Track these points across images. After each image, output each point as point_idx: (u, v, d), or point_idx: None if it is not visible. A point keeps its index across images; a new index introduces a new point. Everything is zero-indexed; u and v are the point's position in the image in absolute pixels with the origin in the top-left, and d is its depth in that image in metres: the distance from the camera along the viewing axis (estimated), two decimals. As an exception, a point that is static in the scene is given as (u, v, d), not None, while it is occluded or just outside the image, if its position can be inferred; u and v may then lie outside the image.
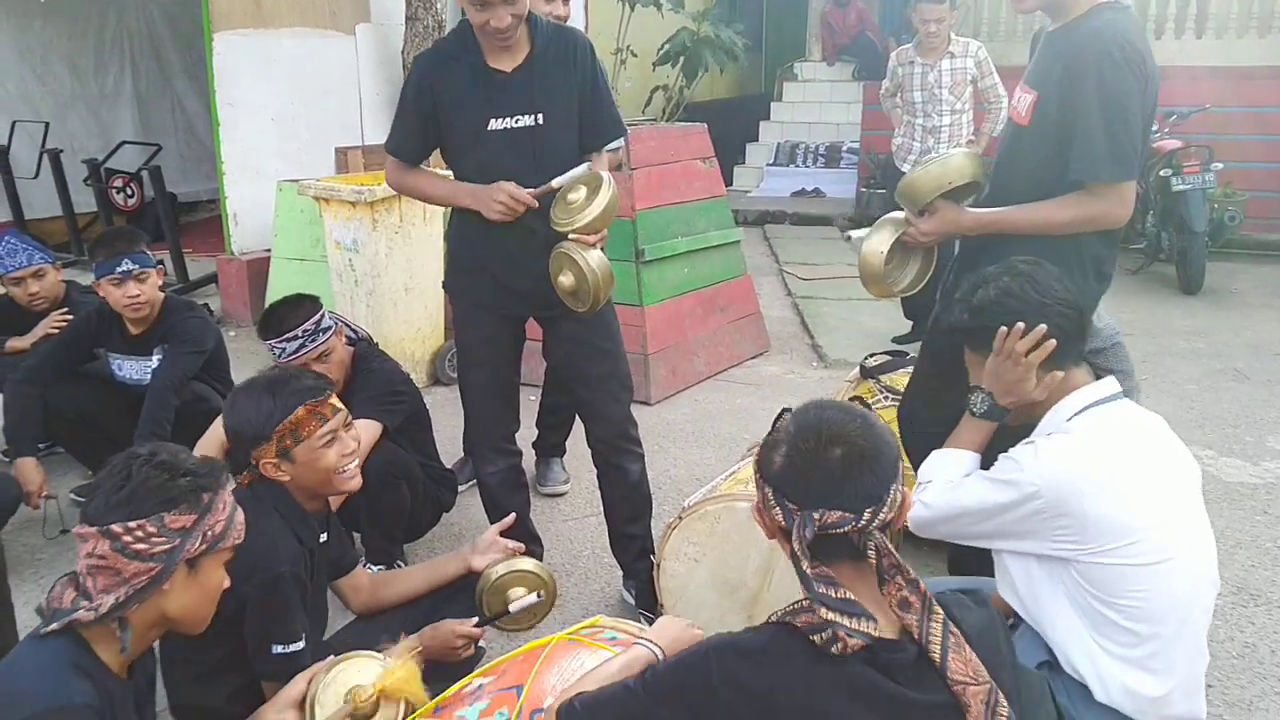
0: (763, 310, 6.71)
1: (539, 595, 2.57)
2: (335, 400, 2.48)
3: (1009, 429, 2.39)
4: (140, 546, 1.75)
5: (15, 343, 4.33)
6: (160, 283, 3.93)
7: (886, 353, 4.07)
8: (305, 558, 2.42)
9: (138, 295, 3.79)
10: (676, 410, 5.42)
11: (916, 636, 1.57)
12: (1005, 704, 1.56)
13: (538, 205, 2.89)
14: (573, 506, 4.26)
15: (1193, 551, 2.16)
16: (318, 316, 3.28)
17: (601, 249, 2.91)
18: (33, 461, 3.69)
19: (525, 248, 3.00)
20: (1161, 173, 7.64)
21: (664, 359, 5.63)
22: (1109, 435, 2.17)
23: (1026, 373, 2.23)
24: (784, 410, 1.72)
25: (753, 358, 6.34)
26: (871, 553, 1.59)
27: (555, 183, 2.90)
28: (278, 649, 2.29)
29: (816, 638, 1.53)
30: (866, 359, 4.01)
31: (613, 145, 3.14)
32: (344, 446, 2.47)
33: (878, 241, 2.88)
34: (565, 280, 2.92)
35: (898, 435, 3.07)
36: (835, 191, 12.08)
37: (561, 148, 2.99)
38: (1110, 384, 2.26)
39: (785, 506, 1.58)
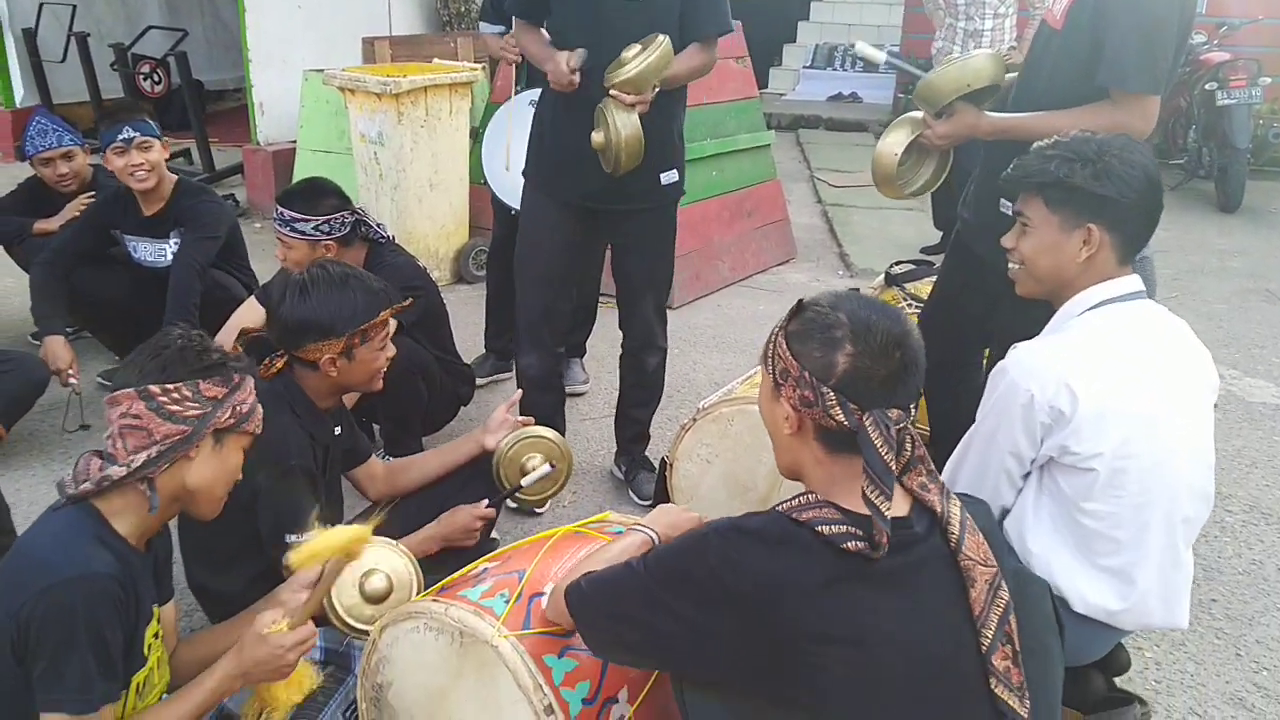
0: (791, 217, 6.63)
1: (551, 465, 2.65)
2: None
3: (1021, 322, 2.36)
4: (174, 408, 1.81)
5: (43, 224, 4.36)
6: (166, 155, 3.94)
7: (912, 261, 4.04)
8: (316, 452, 2.46)
9: (140, 164, 3.79)
10: (699, 315, 5.41)
11: (938, 511, 1.59)
12: (1006, 591, 1.58)
13: (577, 81, 2.92)
14: (591, 406, 4.28)
15: (1181, 460, 2.14)
16: (319, 222, 3.26)
17: (641, 112, 2.89)
18: (61, 340, 3.73)
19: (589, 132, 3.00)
20: (1207, 86, 7.43)
21: (688, 263, 5.59)
22: (1112, 332, 2.15)
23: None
24: (800, 301, 1.67)
25: (778, 264, 6.30)
26: (909, 447, 1.60)
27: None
28: (290, 537, 2.34)
29: (825, 529, 1.53)
30: (892, 266, 3.99)
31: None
32: (389, 350, 2.54)
33: (893, 141, 2.84)
34: (597, 136, 2.93)
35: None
36: (873, 97, 11.82)
37: (659, 23, 2.95)
38: (1133, 281, 2.22)
39: (847, 407, 1.55)
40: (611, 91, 2.85)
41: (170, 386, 1.81)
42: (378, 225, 3.49)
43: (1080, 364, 2.09)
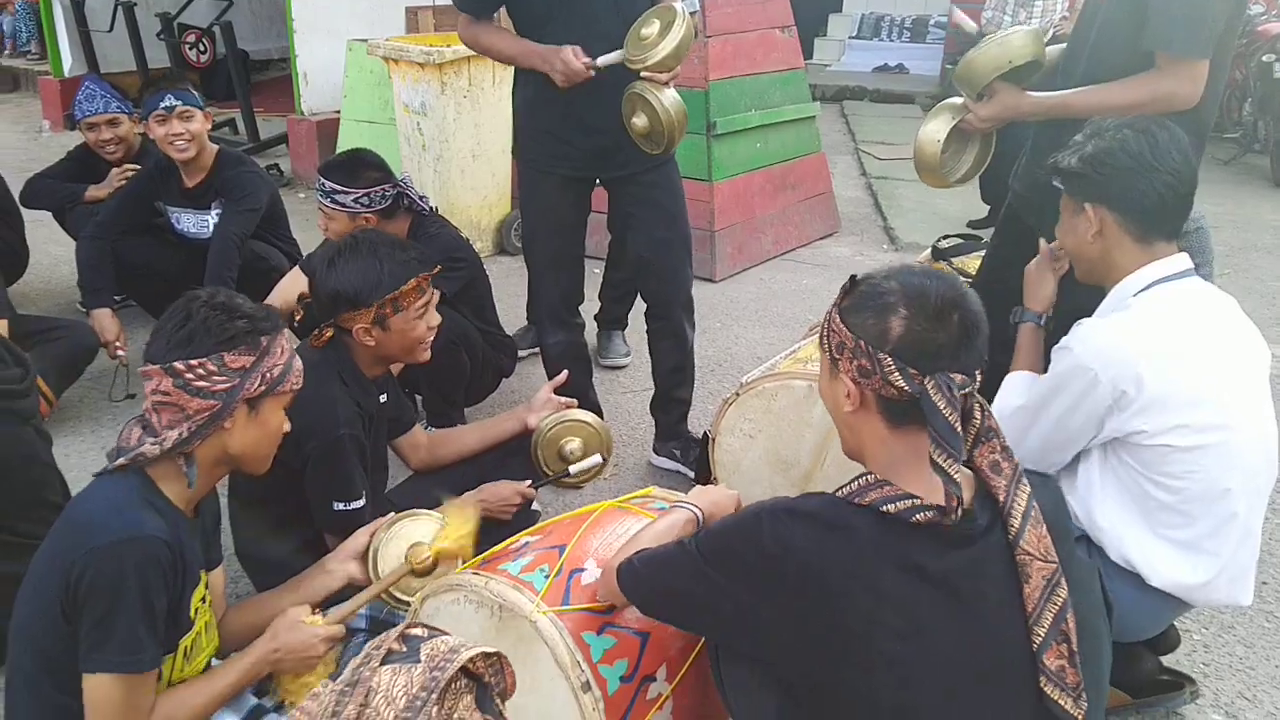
0: (835, 190, 6.56)
1: (603, 458, 2.66)
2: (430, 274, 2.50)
3: (1077, 304, 2.34)
4: (202, 384, 1.80)
5: (94, 191, 4.42)
6: (208, 126, 3.95)
7: (959, 236, 3.98)
8: (364, 421, 2.46)
9: (181, 133, 3.82)
10: (741, 288, 5.37)
11: (1001, 500, 1.55)
12: (1065, 588, 1.54)
13: (592, 76, 2.84)
14: (633, 379, 4.27)
15: (1249, 434, 2.12)
16: (359, 194, 3.24)
17: (673, 86, 2.85)
18: (108, 312, 3.80)
19: (591, 106, 2.96)
20: (1264, 58, 7.25)
21: (730, 236, 5.55)
22: (1170, 311, 2.13)
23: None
24: (853, 277, 1.64)
25: (822, 238, 6.24)
26: (976, 415, 1.57)
27: (601, 61, 2.84)
28: (338, 506, 2.36)
29: (890, 507, 1.51)
30: (939, 241, 3.94)
31: (693, 7, 3.01)
32: (431, 319, 2.51)
33: (934, 129, 2.78)
34: (639, 122, 2.88)
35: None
36: (919, 68, 11.65)
37: None
38: (1181, 260, 2.20)
39: (907, 373, 1.52)
40: (644, 74, 2.80)
41: (195, 362, 1.80)
42: (420, 197, 3.49)
43: (1147, 343, 2.07)
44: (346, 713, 0.96)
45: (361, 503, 2.38)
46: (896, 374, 1.53)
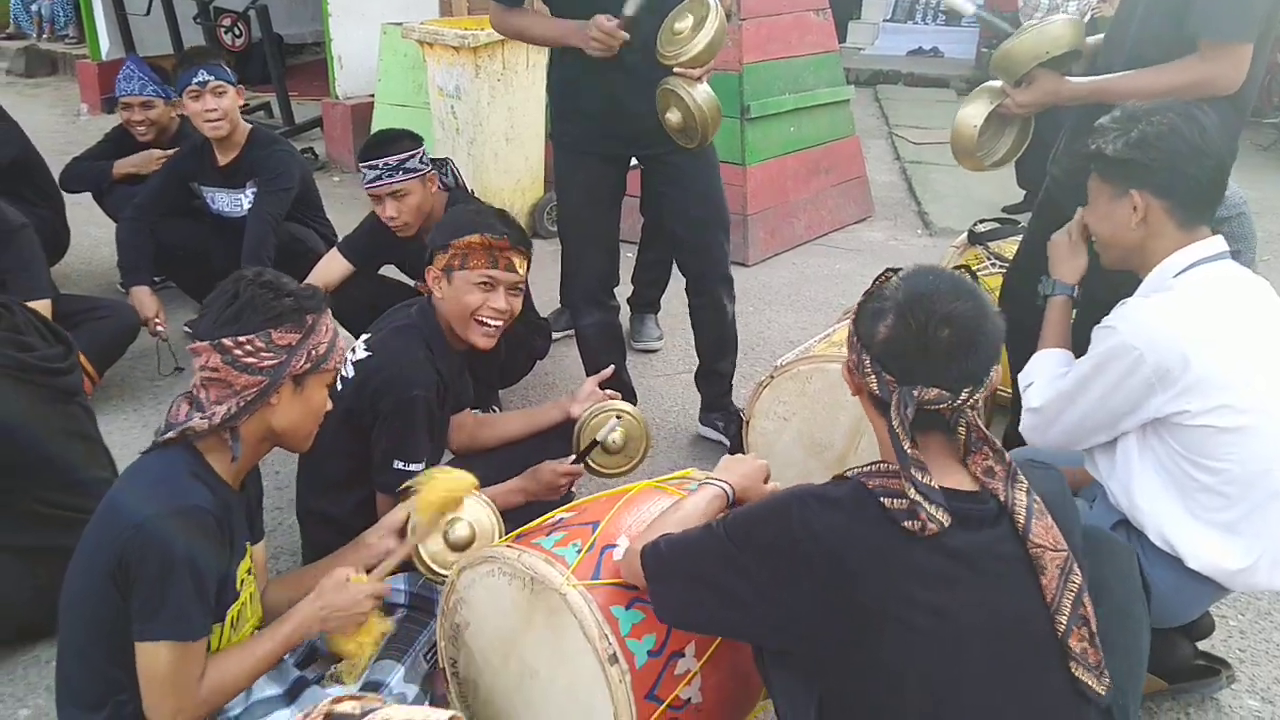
0: (869, 174, 6.52)
1: (620, 418, 2.70)
2: (518, 260, 2.52)
3: (1109, 290, 2.32)
4: (250, 360, 1.84)
5: (122, 164, 4.49)
6: (241, 103, 3.99)
7: (995, 220, 3.95)
8: (442, 388, 2.51)
9: (214, 109, 3.86)
10: (774, 273, 5.36)
11: (1003, 500, 1.57)
12: (1079, 573, 1.57)
13: (629, 37, 2.83)
14: (665, 363, 4.28)
15: None
16: (404, 155, 3.25)
17: (707, 80, 2.85)
18: (146, 289, 3.87)
19: (626, 87, 2.97)
20: (1310, 40, 7.11)
21: (763, 220, 5.54)
22: (1210, 293, 2.12)
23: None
24: (887, 270, 1.66)
25: (856, 222, 6.21)
26: (961, 429, 1.60)
27: (628, 9, 2.81)
28: (399, 464, 2.41)
29: (890, 501, 1.53)
30: (975, 225, 3.91)
31: None
32: (495, 300, 2.50)
33: (972, 113, 2.77)
34: (673, 117, 2.89)
35: (998, 302, 3.04)
36: (954, 52, 11.54)
37: None
38: (1218, 242, 2.18)
39: (882, 378, 1.56)
40: (676, 70, 2.81)
41: (243, 339, 1.84)
42: (455, 172, 3.52)
43: (1191, 324, 2.06)
44: None
45: (421, 465, 2.41)
46: (873, 377, 1.59)
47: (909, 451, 1.53)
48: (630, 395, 3.52)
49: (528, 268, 2.61)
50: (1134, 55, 2.55)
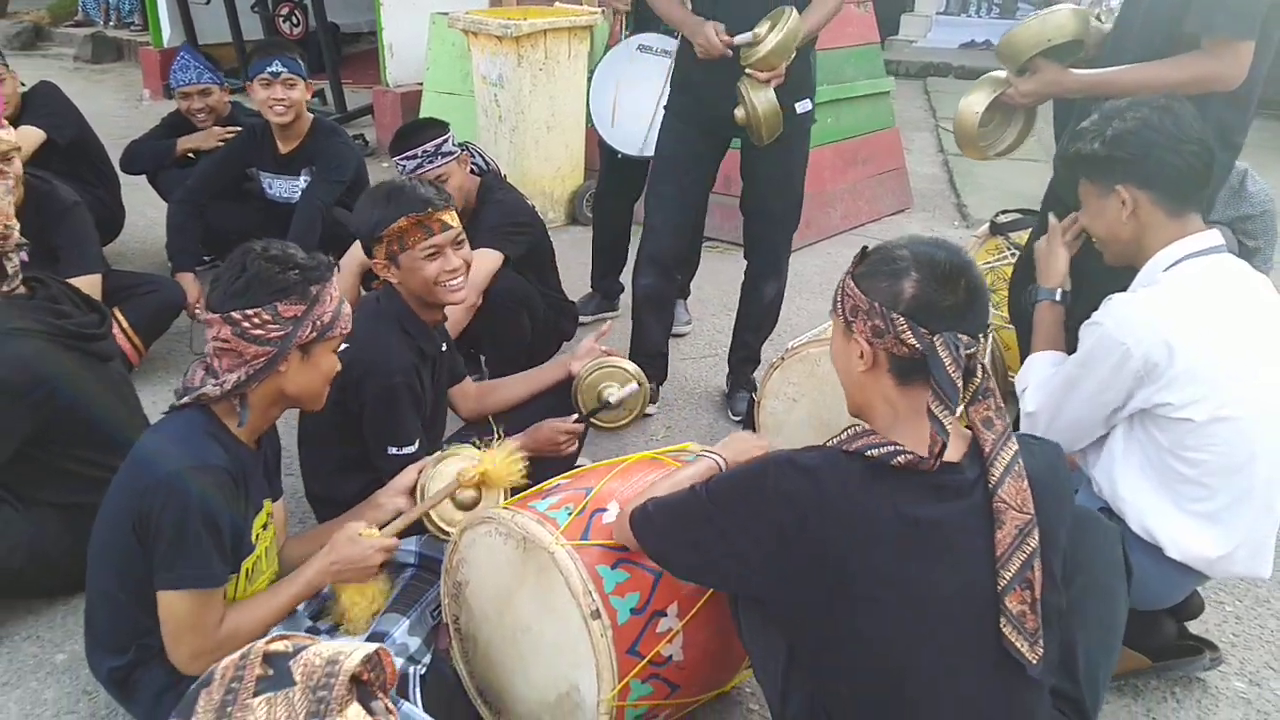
0: (912, 166, 6.53)
1: (638, 384, 2.79)
2: (447, 218, 2.57)
3: (1104, 282, 2.36)
4: (257, 332, 1.96)
5: (186, 140, 4.68)
6: (309, 97, 4.12)
7: (1018, 211, 3.97)
8: (423, 367, 2.60)
9: (282, 99, 3.99)
10: (807, 262, 5.40)
11: (987, 452, 1.64)
12: (1035, 540, 1.62)
13: (730, 54, 3.05)
14: (693, 347, 4.37)
15: (1272, 409, 2.13)
16: (439, 140, 3.37)
17: (776, 85, 3.04)
18: (190, 276, 4.07)
19: (730, 73, 3.12)
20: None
21: (798, 209, 5.57)
22: (1199, 286, 2.15)
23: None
24: (864, 248, 1.75)
25: (893, 214, 6.23)
26: (977, 375, 1.67)
27: (738, 40, 3.04)
28: (392, 450, 2.51)
29: (874, 452, 1.61)
30: (997, 215, 3.93)
31: None
32: (447, 262, 2.56)
33: (974, 101, 2.81)
34: (739, 113, 3.09)
35: (1008, 291, 3.08)
36: (1007, 45, 11.42)
37: None
38: (1212, 236, 2.21)
39: (917, 331, 1.62)
40: (747, 70, 3.00)
41: (251, 312, 1.95)
42: (489, 160, 3.64)
43: (1177, 317, 2.10)
44: None
45: (414, 448, 2.51)
46: (908, 332, 1.62)
47: (959, 385, 1.60)
48: (659, 359, 3.70)
49: (456, 212, 2.66)
50: (1138, 49, 2.57)
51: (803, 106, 3.37)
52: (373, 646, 0.98)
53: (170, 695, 2.00)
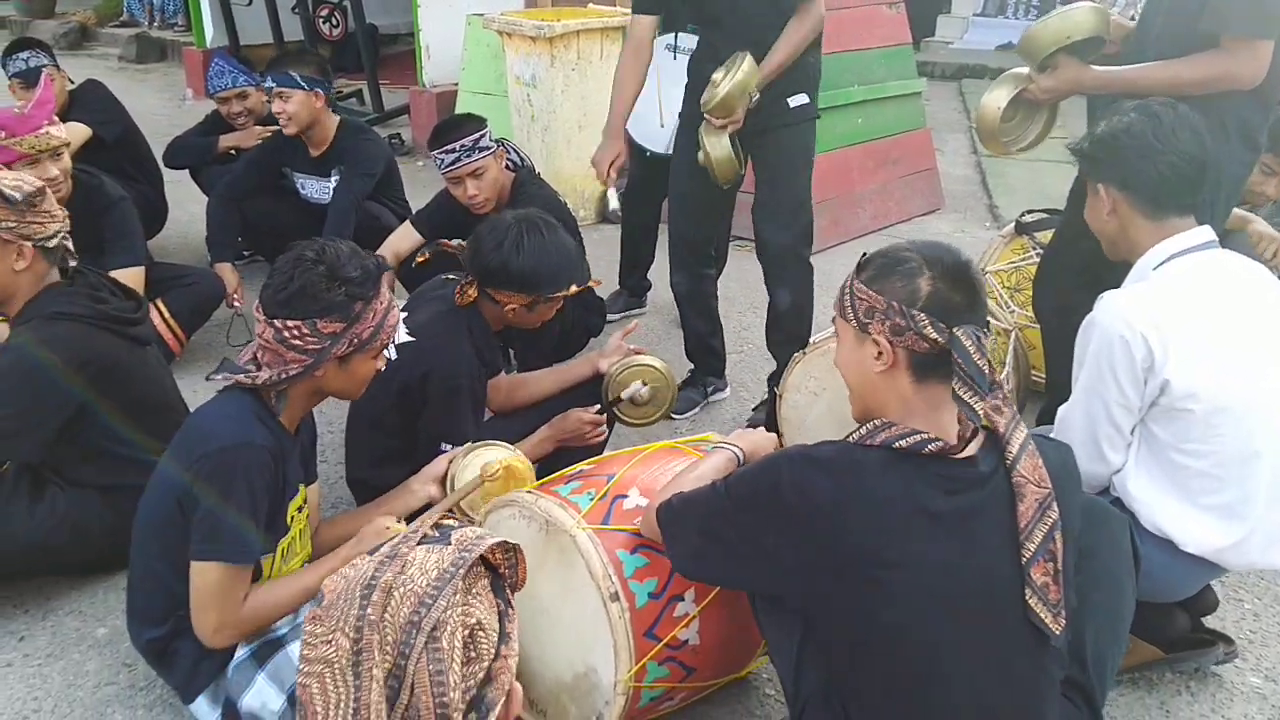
0: (944, 168, 6.53)
1: (643, 384, 2.84)
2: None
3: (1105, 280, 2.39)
4: (296, 342, 2.05)
5: (227, 138, 4.82)
6: (318, 104, 4.18)
7: (1044, 210, 3.98)
8: (483, 373, 2.72)
9: (281, 111, 4.11)
10: (835, 262, 5.41)
11: (1001, 432, 1.69)
12: (1056, 512, 1.67)
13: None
14: (717, 344, 4.40)
15: (1275, 398, 2.14)
16: (476, 135, 3.44)
17: (734, 131, 3.06)
18: (229, 266, 4.18)
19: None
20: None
21: (826, 210, 5.60)
22: (1190, 281, 2.17)
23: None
24: (864, 253, 1.80)
25: (924, 214, 6.23)
26: (987, 368, 1.71)
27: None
28: (446, 447, 2.59)
29: (902, 443, 1.66)
30: (1023, 215, 3.93)
31: None
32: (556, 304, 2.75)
33: (995, 97, 2.84)
34: (700, 156, 3.12)
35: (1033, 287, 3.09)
36: (1044, 46, 11.35)
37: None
38: (1202, 232, 2.23)
39: (938, 326, 1.68)
40: (705, 115, 3.02)
41: (291, 324, 2.03)
42: (524, 156, 3.71)
43: (1164, 309, 2.12)
44: (384, 579, 1.09)
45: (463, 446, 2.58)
46: (929, 328, 1.68)
47: (985, 370, 1.65)
48: (713, 357, 3.78)
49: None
50: (1160, 47, 2.59)
51: (797, 101, 3.30)
52: (514, 541, 1.22)
53: (205, 664, 2.09)
